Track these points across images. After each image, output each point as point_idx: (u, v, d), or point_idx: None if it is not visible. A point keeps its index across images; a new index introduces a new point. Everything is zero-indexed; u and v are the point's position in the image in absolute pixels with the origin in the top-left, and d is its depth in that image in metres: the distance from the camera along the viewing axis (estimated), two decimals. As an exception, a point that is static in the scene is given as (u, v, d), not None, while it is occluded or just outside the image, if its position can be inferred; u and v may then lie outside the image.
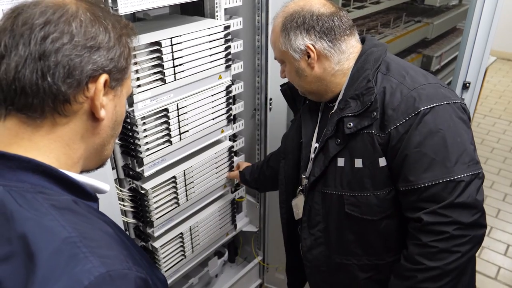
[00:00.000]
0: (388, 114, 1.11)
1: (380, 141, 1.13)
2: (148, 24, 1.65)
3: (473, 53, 1.74)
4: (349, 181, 1.20)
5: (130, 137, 1.49)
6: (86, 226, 0.61)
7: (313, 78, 1.24)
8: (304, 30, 1.19)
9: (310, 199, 1.31)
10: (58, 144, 0.67)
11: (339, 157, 1.21)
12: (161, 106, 1.51)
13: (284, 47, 1.24)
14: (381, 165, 1.15)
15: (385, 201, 1.18)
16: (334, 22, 1.19)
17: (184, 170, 1.70)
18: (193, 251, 1.92)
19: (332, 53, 1.20)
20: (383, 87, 1.14)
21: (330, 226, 1.30)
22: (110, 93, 0.72)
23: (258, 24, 1.92)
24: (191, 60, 1.55)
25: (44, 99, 0.63)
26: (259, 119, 2.15)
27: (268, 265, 2.53)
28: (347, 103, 1.18)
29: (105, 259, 0.57)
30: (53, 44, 0.62)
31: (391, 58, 1.23)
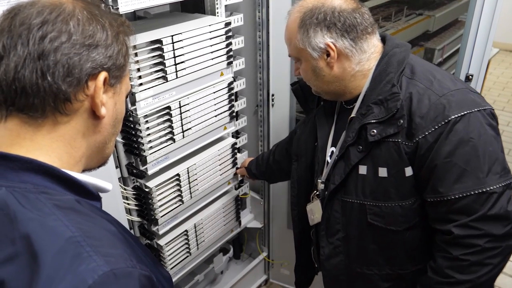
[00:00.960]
0: (416, 122, 1.05)
1: (406, 150, 1.07)
2: (148, 22, 1.65)
3: (475, 45, 1.73)
4: (372, 190, 1.15)
5: (133, 136, 1.49)
6: (90, 225, 0.61)
7: (331, 78, 1.18)
8: (325, 27, 1.11)
9: (329, 207, 1.26)
10: (60, 143, 0.67)
11: (361, 165, 1.15)
12: (163, 104, 1.52)
13: (301, 45, 1.16)
14: (407, 175, 1.09)
15: (410, 211, 1.13)
16: (357, 19, 1.12)
17: (188, 168, 1.70)
18: (198, 248, 1.92)
19: (353, 53, 1.13)
20: (409, 92, 1.08)
21: (351, 235, 1.24)
22: (109, 90, 0.72)
23: (259, 20, 1.91)
24: (192, 57, 1.55)
25: (45, 99, 0.63)
26: (261, 115, 2.15)
27: (273, 261, 2.53)
28: (369, 109, 1.12)
29: (109, 257, 0.57)
30: (52, 43, 0.62)
31: (415, 60, 1.16)
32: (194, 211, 1.85)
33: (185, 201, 1.74)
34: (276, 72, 2.00)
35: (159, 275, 0.73)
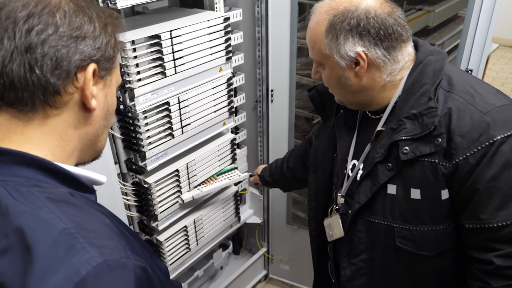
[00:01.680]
0: (456, 142, 0.94)
1: (444, 172, 0.97)
2: (147, 17, 1.64)
3: (474, 40, 1.73)
4: (402, 212, 1.05)
5: (132, 131, 1.49)
6: (83, 217, 0.61)
7: (358, 88, 1.06)
8: (357, 34, 0.99)
9: (352, 226, 1.16)
10: (51, 137, 0.67)
11: (390, 184, 1.05)
12: (162, 99, 1.51)
13: (327, 50, 1.03)
14: (443, 198, 0.99)
15: (444, 236, 1.04)
16: (392, 26, 1.00)
17: (187, 164, 1.70)
18: (197, 244, 1.93)
19: (385, 63, 1.02)
20: (448, 107, 0.97)
21: (376, 257, 1.14)
22: (100, 82, 0.71)
23: (258, 15, 1.91)
24: (191, 52, 1.54)
25: (34, 92, 0.63)
26: (260, 111, 2.15)
27: (273, 257, 2.54)
28: (401, 123, 1.01)
29: (103, 249, 0.57)
30: (39, 36, 0.62)
31: (451, 70, 1.05)
32: (194, 207, 1.85)
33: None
34: (275, 68, 1.99)
35: (156, 267, 0.72)
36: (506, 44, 6.39)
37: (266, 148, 2.23)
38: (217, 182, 1.83)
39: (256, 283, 2.57)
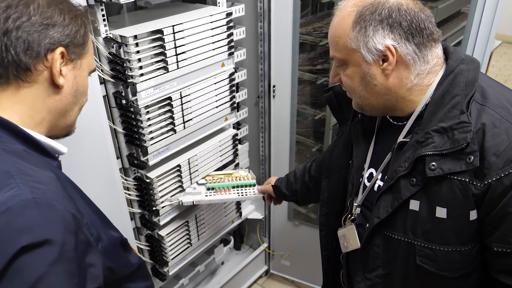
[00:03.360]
0: (490, 161, 0.87)
1: (474, 192, 0.90)
2: (149, 12, 1.64)
3: (478, 37, 1.72)
4: (425, 231, 0.98)
5: (134, 126, 1.49)
6: (28, 167, 0.72)
7: (383, 89, 0.99)
8: (388, 26, 0.93)
9: (369, 240, 1.10)
10: (21, 106, 0.79)
11: (413, 200, 0.98)
12: (164, 94, 1.51)
13: (354, 44, 0.96)
14: (472, 219, 0.93)
15: (468, 257, 0.98)
16: (424, 21, 0.94)
17: (189, 159, 1.70)
18: (199, 239, 1.93)
19: (415, 61, 0.95)
20: (482, 123, 0.90)
21: (393, 274, 1.08)
22: (69, 64, 0.83)
23: (260, 10, 1.90)
24: (193, 48, 1.54)
25: (8, 68, 0.76)
26: (262, 106, 2.14)
27: (274, 252, 2.54)
28: (429, 136, 0.94)
29: (35, 189, 0.68)
30: (14, 22, 0.75)
31: (485, 80, 0.98)
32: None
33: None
34: (277, 63, 1.99)
35: (102, 232, 0.84)
36: (509, 41, 6.36)
37: (267, 144, 2.23)
38: (230, 194, 1.72)
39: (257, 278, 2.58)
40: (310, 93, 2.41)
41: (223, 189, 1.72)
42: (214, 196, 1.70)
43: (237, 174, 1.80)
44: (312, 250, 1.60)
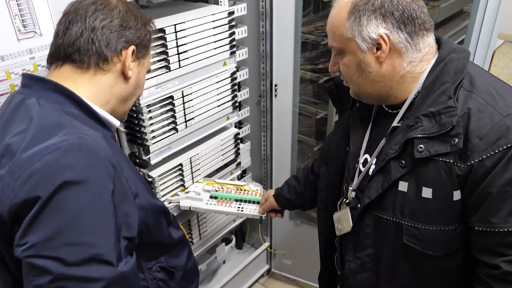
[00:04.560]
0: (473, 143, 0.92)
1: (458, 173, 0.95)
2: (151, 11, 1.64)
3: (480, 36, 1.72)
4: (412, 211, 1.03)
5: (136, 125, 1.49)
6: (80, 124, 0.86)
7: (377, 76, 1.04)
8: (381, 16, 0.97)
9: (360, 220, 1.16)
10: (93, 88, 0.96)
11: (402, 181, 1.03)
12: (166, 93, 1.51)
13: (349, 33, 1.01)
14: (455, 199, 0.98)
15: (452, 237, 1.02)
16: (416, 11, 0.98)
17: (191, 158, 1.70)
18: (200, 238, 1.93)
19: (407, 49, 0.99)
20: (468, 108, 0.95)
21: (382, 254, 1.14)
22: (136, 61, 1.02)
23: (262, 9, 1.90)
24: (195, 47, 1.54)
25: (91, 57, 0.94)
26: (264, 105, 2.15)
27: (276, 251, 2.54)
28: (418, 121, 0.99)
29: (82, 138, 0.82)
30: (100, 22, 0.94)
31: (474, 69, 1.03)
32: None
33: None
34: (279, 62, 1.99)
35: (141, 193, 0.98)
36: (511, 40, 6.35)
37: (269, 143, 2.23)
38: (230, 207, 1.67)
39: (258, 277, 2.58)
40: (312, 92, 2.41)
41: (225, 201, 1.69)
42: (214, 206, 1.67)
43: (247, 188, 1.77)
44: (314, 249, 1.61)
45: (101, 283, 0.77)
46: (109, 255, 0.80)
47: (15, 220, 0.77)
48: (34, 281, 0.75)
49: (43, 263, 0.74)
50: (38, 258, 0.74)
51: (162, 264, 1.10)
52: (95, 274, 0.77)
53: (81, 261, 0.76)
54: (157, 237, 1.07)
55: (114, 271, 0.80)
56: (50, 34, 1.16)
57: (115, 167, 0.86)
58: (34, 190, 0.75)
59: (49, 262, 0.74)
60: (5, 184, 0.77)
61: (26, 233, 0.75)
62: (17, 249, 0.76)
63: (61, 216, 0.76)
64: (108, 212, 0.81)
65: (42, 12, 1.15)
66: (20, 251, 0.75)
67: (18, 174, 0.77)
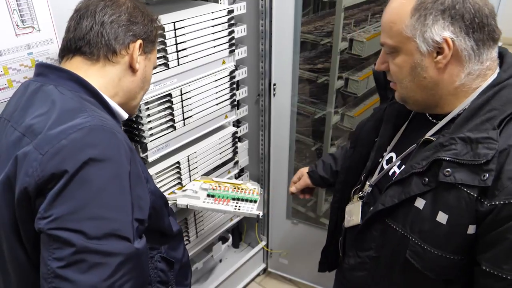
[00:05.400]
0: (504, 184, 0.85)
1: (480, 209, 0.89)
2: (150, 8, 1.62)
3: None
4: (422, 230, 0.99)
5: (134, 123, 1.49)
6: (97, 111, 0.91)
7: (431, 83, 0.96)
8: (449, 17, 0.89)
9: (370, 222, 1.13)
10: (103, 79, 1.00)
11: (420, 198, 0.99)
12: (164, 91, 1.51)
13: (409, 32, 0.92)
14: (469, 232, 0.93)
15: (456, 267, 0.98)
16: (488, 17, 0.89)
17: (188, 156, 1.70)
18: (197, 236, 1.93)
19: (470, 58, 0.91)
20: (509, 145, 0.87)
21: (382, 259, 1.13)
22: (143, 55, 1.06)
23: (262, 8, 1.90)
24: (194, 45, 1.54)
25: (100, 49, 0.99)
26: (262, 104, 2.14)
27: (272, 250, 2.55)
28: (453, 142, 0.92)
29: (103, 121, 0.87)
30: (109, 17, 0.99)
31: None
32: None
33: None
34: (278, 62, 1.99)
35: (151, 180, 1.08)
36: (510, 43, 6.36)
37: (267, 142, 2.23)
38: (227, 206, 1.67)
39: (254, 276, 2.58)
40: (311, 91, 2.41)
41: (222, 199, 1.69)
42: (211, 204, 1.67)
43: (244, 186, 1.77)
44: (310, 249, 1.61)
45: (118, 258, 0.81)
46: (127, 231, 0.84)
47: (39, 194, 0.81)
48: (55, 254, 0.78)
49: (66, 235, 0.77)
50: (61, 230, 0.78)
51: (163, 254, 1.14)
52: (114, 249, 0.81)
53: (102, 235, 0.80)
54: (160, 224, 1.12)
55: (131, 247, 0.84)
56: (49, 29, 1.17)
57: (131, 149, 0.92)
58: (62, 164, 0.79)
59: (72, 235, 0.77)
60: (32, 158, 0.81)
61: (51, 206, 0.79)
62: (41, 221, 0.79)
63: (85, 191, 0.80)
64: (126, 191, 0.86)
65: (40, 7, 1.14)
66: (44, 223, 0.78)
67: (46, 149, 0.81)
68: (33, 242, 0.87)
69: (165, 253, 1.15)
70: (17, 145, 0.87)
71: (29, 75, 1.18)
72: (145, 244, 0.92)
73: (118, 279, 0.81)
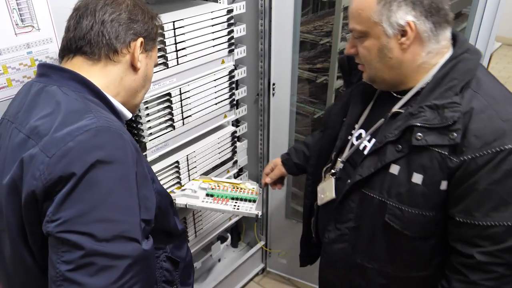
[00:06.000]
0: (469, 141, 0.98)
1: (450, 165, 1.01)
2: (150, 8, 1.63)
3: (478, 38, 1.73)
4: (399, 193, 1.09)
5: (133, 122, 1.49)
6: (105, 112, 0.91)
7: (397, 63, 1.07)
8: (411, 3, 1.00)
9: (347, 195, 1.21)
10: (105, 79, 0.98)
11: (394, 164, 1.09)
12: (163, 90, 1.51)
13: (377, 18, 1.03)
14: (442, 188, 1.04)
15: (431, 223, 1.09)
16: (442, 2, 1.02)
17: (187, 155, 1.70)
18: (196, 236, 1.93)
19: (429, 39, 1.03)
20: (471, 107, 1.00)
21: (362, 228, 1.21)
22: (144, 53, 1.04)
23: (261, 8, 1.90)
24: (193, 44, 1.54)
25: (102, 48, 0.97)
26: (262, 104, 2.14)
27: (271, 250, 2.55)
28: (421, 110, 1.03)
29: (109, 122, 0.86)
30: (109, 16, 0.97)
31: (483, 73, 1.08)
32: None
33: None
34: (277, 61, 1.99)
35: (156, 179, 1.08)
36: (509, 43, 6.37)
37: (266, 142, 2.23)
38: (226, 205, 1.67)
39: (253, 276, 2.58)
40: (310, 91, 2.41)
41: (221, 199, 1.69)
42: (210, 204, 1.67)
43: (243, 186, 1.77)
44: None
45: (127, 261, 0.81)
46: (136, 233, 0.84)
47: (47, 197, 0.80)
48: (64, 257, 0.78)
49: (75, 238, 0.77)
50: (70, 233, 0.77)
51: (168, 254, 1.14)
52: (122, 251, 0.81)
53: (111, 237, 0.80)
54: (166, 224, 1.12)
55: (139, 249, 0.85)
56: (48, 29, 1.17)
57: (138, 151, 0.92)
58: (69, 167, 0.79)
59: (81, 238, 0.77)
60: (39, 161, 0.80)
61: (59, 209, 0.78)
62: (49, 225, 0.79)
63: (93, 193, 0.79)
64: (134, 192, 0.86)
65: (40, 6, 1.14)
66: (52, 226, 0.78)
67: (53, 151, 0.80)
68: (40, 245, 0.87)
69: (170, 253, 1.15)
70: (22, 147, 0.86)
71: (29, 74, 1.18)
72: (152, 245, 0.92)
73: (126, 282, 0.81)
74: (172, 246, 1.17)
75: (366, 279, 1.26)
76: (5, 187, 0.87)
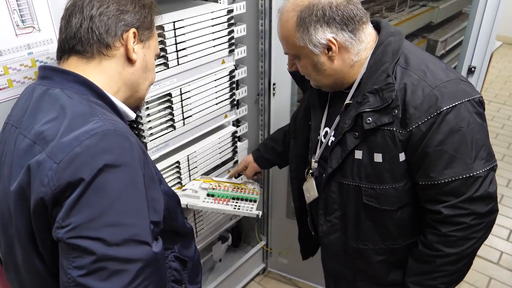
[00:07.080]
0: (410, 113, 1.11)
1: (401, 138, 1.14)
2: (151, 8, 1.63)
3: (478, 37, 1.73)
4: (367, 174, 1.22)
5: (133, 122, 1.49)
6: (106, 113, 0.89)
7: (332, 71, 1.20)
8: (325, 23, 1.13)
9: (327, 188, 1.33)
10: (102, 76, 0.97)
11: (357, 150, 1.22)
12: (164, 91, 1.51)
13: (301, 43, 1.17)
14: (401, 160, 1.17)
15: (402, 192, 1.22)
16: (353, 10, 1.14)
17: (188, 155, 1.70)
18: (197, 236, 1.93)
19: (352, 44, 1.16)
20: (404, 83, 1.13)
21: (348, 214, 1.32)
22: (140, 44, 1.02)
23: (262, 8, 1.90)
24: (194, 44, 1.54)
25: (93, 45, 0.95)
26: (262, 104, 2.15)
27: (272, 250, 2.55)
28: (365, 97, 1.17)
29: (115, 125, 0.85)
30: (97, 10, 0.95)
31: (409, 49, 1.20)
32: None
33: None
34: (277, 61, 1.99)
35: (163, 180, 1.06)
36: (510, 42, 6.37)
37: (267, 142, 2.23)
38: (227, 205, 1.68)
39: (254, 276, 2.59)
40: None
41: (222, 199, 1.70)
42: (211, 204, 1.68)
43: (244, 186, 1.79)
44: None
45: (138, 264, 0.81)
46: (146, 236, 0.84)
47: (56, 203, 0.79)
48: (75, 263, 0.77)
49: (86, 244, 0.77)
50: (81, 239, 0.77)
51: (176, 254, 1.14)
52: (134, 255, 0.81)
53: (122, 241, 0.79)
54: (174, 224, 1.12)
55: (150, 252, 0.84)
56: (49, 29, 1.17)
57: (145, 153, 0.91)
58: (78, 173, 0.78)
59: (92, 243, 0.77)
60: (47, 167, 0.79)
61: (68, 215, 0.78)
62: (59, 231, 0.78)
63: (102, 198, 0.79)
64: (142, 195, 0.86)
65: (41, 7, 1.14)
66: (62, 232, 0.77)
67: (60, 157, 0.79)
68: (50, 251, 0.86)
69: (178, 252, 1.15)
70: (29, 153, 0.85)
71: (29, 75, 1.18)
72: (162, 247, 0.93)
73: (138, 285, 0.81)
74: (180, 245, 1.17)
75: (365, 259, 1.37)
76: (13, 194, 0.86)
